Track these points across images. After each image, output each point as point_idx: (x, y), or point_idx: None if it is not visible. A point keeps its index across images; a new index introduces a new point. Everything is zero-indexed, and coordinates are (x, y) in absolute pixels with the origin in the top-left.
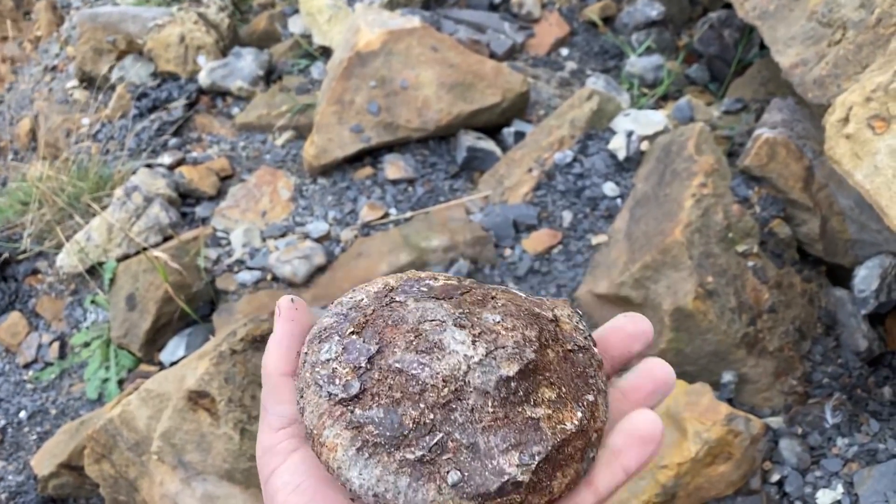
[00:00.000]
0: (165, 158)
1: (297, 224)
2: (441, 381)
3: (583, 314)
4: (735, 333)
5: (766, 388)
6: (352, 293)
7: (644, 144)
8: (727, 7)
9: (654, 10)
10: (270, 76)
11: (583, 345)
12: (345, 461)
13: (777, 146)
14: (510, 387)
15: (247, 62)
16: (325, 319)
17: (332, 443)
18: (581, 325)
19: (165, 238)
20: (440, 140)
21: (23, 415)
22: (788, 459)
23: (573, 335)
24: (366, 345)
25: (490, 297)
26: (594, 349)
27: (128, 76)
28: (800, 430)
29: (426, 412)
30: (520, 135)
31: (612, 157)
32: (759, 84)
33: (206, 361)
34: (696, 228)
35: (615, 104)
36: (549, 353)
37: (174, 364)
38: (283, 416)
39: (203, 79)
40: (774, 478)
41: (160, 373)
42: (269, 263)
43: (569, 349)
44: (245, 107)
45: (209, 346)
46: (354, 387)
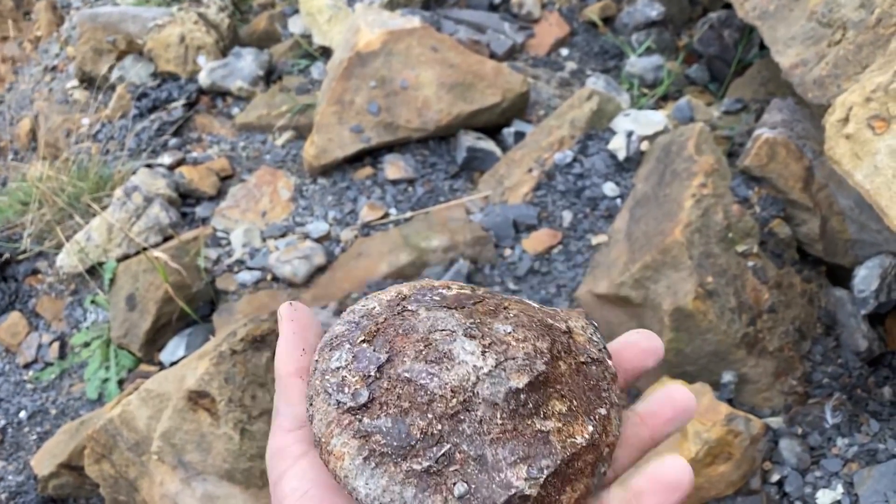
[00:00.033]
0: (165, 158)
1: (297, 224)
2: (449, 392)
3: (598, 326)
4: (735, 333)
5: (766, 388)
6: (364, 301)
7: (644, 144)
8: (727, 7)
9: (654, 11)
10: (270, 76)
11: (596, 357)
12: (351, 470)
13: (777, 146)
14: (519, 399)
15: (247, 62)
16: (337, 327)
17: (340, 451)
18: (595, 338)
19: (165, 238)
20: (440, 140)
21: (23, 415)
22: (788, 459)
23: (587, 347)
24: (376, 354)
25: (502, 308)
26: (608, 362)
27: (128, 76)
28: (800, 430)
29: (434, 423)
30: (520, 135)
31: (612, 157)
32: (759, 84)
33: (206, 361)
34: (696, 228)
35: (615, 104)
36: (561, 365)
37: (174, 364)
38: (295, 418)
39: (203, 79)
40: (774, 478)
41: (160, 373)
42: (269, 263)
43: (581, 361)
44: (245, 107)
45: (209, 346)
46: (363, 395)
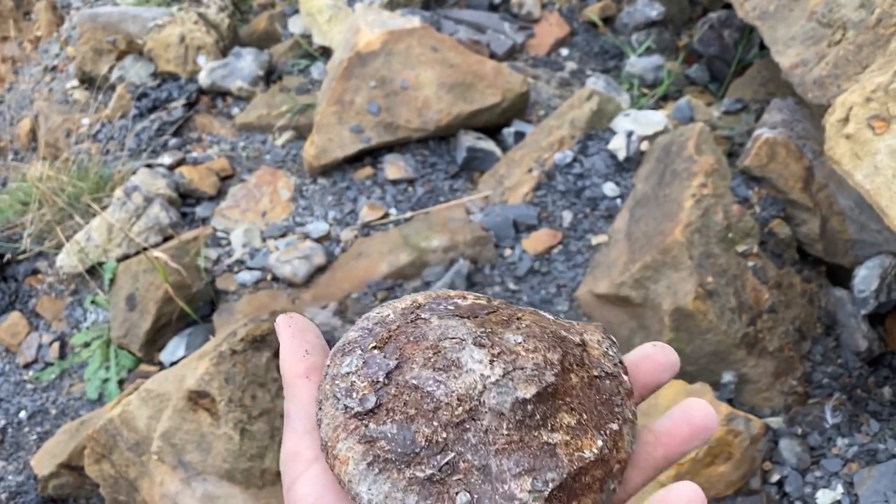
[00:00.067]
0: (165, 158)
1: (297, 224)
2: (455, 400)
3: (615, 340)
4: (735, 333)
5: (766, 389)
6: (379, 308)
7: (644, 144)
8: (727, 7)
9: (654, 11)
10: (270, 76)
11: (611, 371)
12: (355, 475)
13: (777, 146)
14: (526, 409)
15: (247, 62)
16: (351, 333)
17: (345, 456)
18: (611, 352)
19: (165, 238)
20: (440, 140)
21: (23, 415)
22: (788, 459)
23: (601, 361)
24: (386, 360)
25: (515, 318)
26: (624, 377)
27: (128, 76)
28: (800, 430)
29: (439, 430)
30: (520, 135)
31: (612, 158)
32: (759, 84)
33: (206, 361)
34: (696, 228)
35: (615, 104)
36: (573, 378)
37: (174, 364)
38: (308, 419)
39: (203, 79)
40: (774, 478)
41: (160, 373)
42: (269, 263)
43: (595, 375)
44: (245, 107)
45: (209, 346)
46: (370, 401)
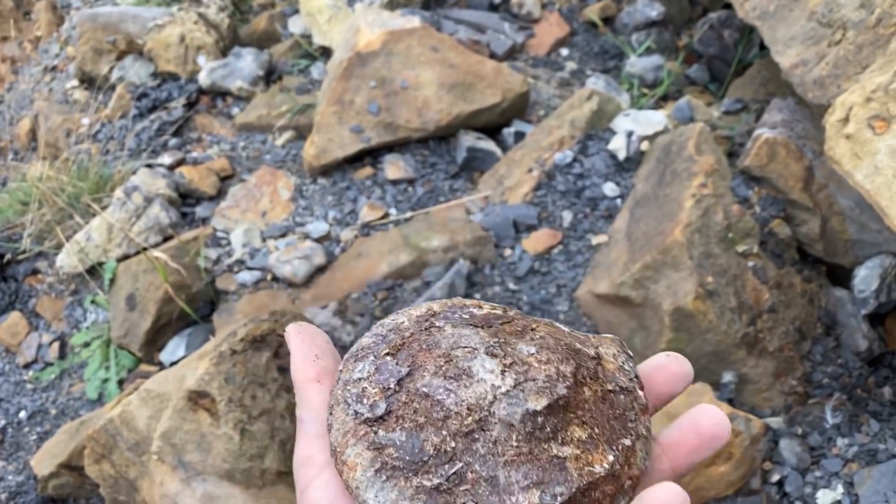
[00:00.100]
0: (165, 158)
1: (297, 224)
2: (465, 409)
3: (631, 354)
4: (735, 333)
5: (766, 389)
6: (394, 315)
7: (644, 144)
8: (727, 7)
9: (654, 11)
10: (270, 76)
11: (625, 386)
12: (363, 482)
13: (777, 146)
14: (536, 421)
15: (247, 62)
16: (365, 339)
17: (353, 462)
18: (627, 366)
19: (165, 238)
20: (440, 140)
21: (23, 415)
22: (788, 459)
23: (616, 375)
24: (398, 367)
25: (530, 329)
26: (639, 392)
27: (128, 76)
28: (800, 431)
29: (448, 440)
30: (520, 135)
31: (612, 158)
32: (759, 84)
33: (206, 361)
34: (696, 228)
35: (615, 104)
36: (586, 391)
37: (174, 364)
38: (320, 423)
39: (203, 79)
40: (774, 478)
41: (160, 373)
42: (269, 263)
43: (609, 389)
44: (245, 107)
45: (209, 346)
46: (381, 408)
